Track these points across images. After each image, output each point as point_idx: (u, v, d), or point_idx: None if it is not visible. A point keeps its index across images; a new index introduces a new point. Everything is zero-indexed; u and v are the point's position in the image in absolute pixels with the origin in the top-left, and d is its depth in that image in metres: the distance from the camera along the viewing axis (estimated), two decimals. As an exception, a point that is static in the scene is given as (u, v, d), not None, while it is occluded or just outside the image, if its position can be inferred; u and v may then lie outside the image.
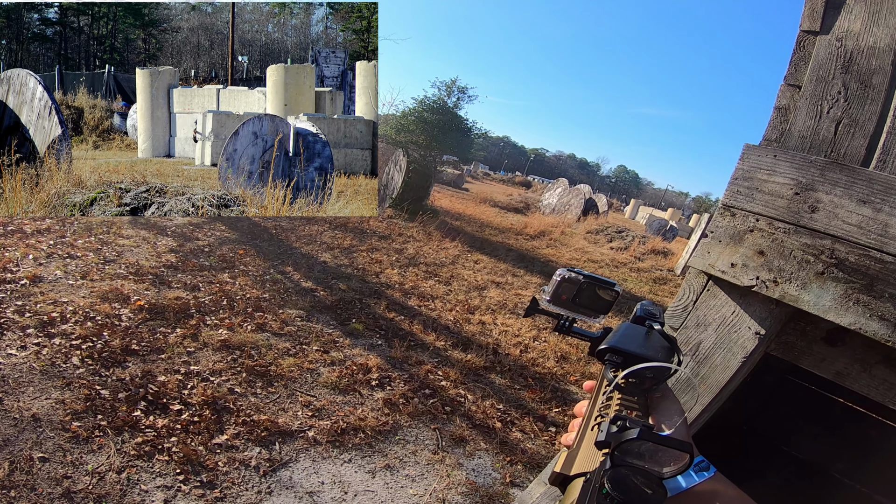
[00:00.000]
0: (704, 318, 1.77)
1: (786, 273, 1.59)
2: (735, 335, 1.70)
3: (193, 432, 3.59)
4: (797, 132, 1.75)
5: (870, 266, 1.46)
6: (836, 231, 1.53)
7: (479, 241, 13.29)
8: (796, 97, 1.80)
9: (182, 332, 4.97)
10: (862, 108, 1.67)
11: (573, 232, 17.62)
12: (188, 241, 8.02)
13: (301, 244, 9.45)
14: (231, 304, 5.93)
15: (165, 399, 3.87)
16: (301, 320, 5.95)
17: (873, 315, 1.44)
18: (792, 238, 1.60)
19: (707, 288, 1.79)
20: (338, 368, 4.95)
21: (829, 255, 1.52)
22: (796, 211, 1.60)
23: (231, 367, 4.56)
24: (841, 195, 1.54)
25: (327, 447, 3.79)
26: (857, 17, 1.73)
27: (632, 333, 0.93)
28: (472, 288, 8.92)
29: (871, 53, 1.68)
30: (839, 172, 1.56)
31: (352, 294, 7.25)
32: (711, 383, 1.72)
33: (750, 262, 1.65)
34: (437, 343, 6.12)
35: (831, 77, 1.73)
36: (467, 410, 4.72)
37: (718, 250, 1.72)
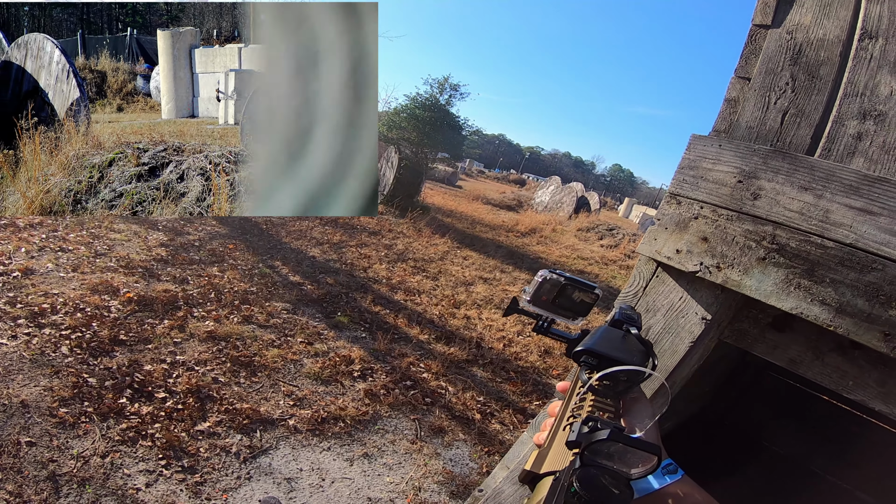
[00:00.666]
0: (653, 303, 1.82)
1: (728, 258, 1.63)
2: (682, 320, 1.75)
3: (177, 419, 3.71)
4: (744, 122, 1.80)
5: (811, 251, 1.50)
6: (777, 217, 1.56)
7: (470, 238, 13.39)
8: (745, 89, 1.84)
9: (169, 323, 5.08)
10: (808, 99, 1.71)
11: (564, 229, 17.71)
12: (179, 236, 8.11)
13: (291, 239, 9.55)
14: (219, 296, 6.04)
15: (151, 387, 3.99)
16: (287, 313, 6.06)
17: (814, 300, 1.48)
18: (735, 224, 1.64)
19: (656, 274, 1.83)
20: (321, 360, 5.06)
21: (771, 240, 1.56)
22: (739, 198, 1.64)
23: (216, 357, 4.67)
24: (783, 182, 1.58)
25: (307, 435, 3.91)
26: (808, 11, 1.79)
27: (608, 336, 0.95)
28: (460, 283, 9.03)
29: (820, 45, 1.73)
30: (781, 160, 1.60)
31: (339, 288, 7.35)
32: (660, 368, 1.74)
33: (694, 249, 1.70)
34: (421, 336, 6.24)
35: (780, 69, 1.78)
36: (447, 402, 4.84)
37: (665, 237, 1.77)
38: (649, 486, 0.79)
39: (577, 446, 0.67)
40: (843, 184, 1.49)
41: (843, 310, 1.45)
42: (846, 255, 1.46)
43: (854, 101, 1.66)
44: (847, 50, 1.71)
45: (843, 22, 1.73)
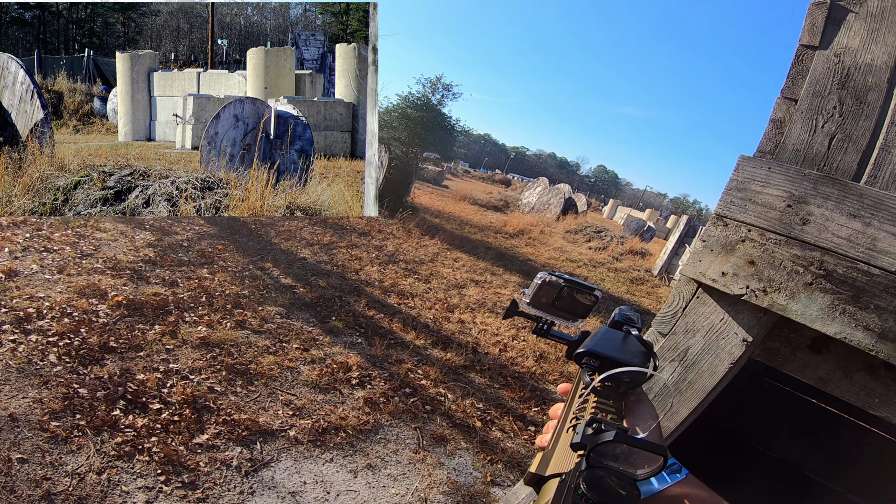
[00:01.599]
0: (693, 324, 1.80)
1: (775, 283, 1.62)
2: (723, 342, 1.73)
3: (174, 432, 3.57)
4: (791, 145, 1.78)
5: (857, 278, 1.50)
6: (825, 243, 1.56)
7: (459, 239, 13.32)
8: (792, 110, 1.82)
9: (161, 328, 4.93)
10: (856, 124, 1.70)
11: (552, 231, 17.73)
12: (167, 236, 7.93)
13: (280, 240, 9.40)
14: (210, 300, 5.89)
15: (145, 398, 3.85)
16: (281, 317, 5.93)
17: (858, 325, 1.48)
18: (783, 249, 1.63)
19: (696, 295, 1.82)
20: (318, 367, 4.95)
21: (819, 266, 1.56)
22: (788, 223, 1.64)
23: (211, 365, 4.53)
24: (832, 209, 1.57)
25: (308, 446, 3.79)
26: (856, 34, 1.76)
27: (609, 338, 0.94)
28: (452, 286, 8.96)
29: (868, 70, 1.71)
30: (831, 186, 1.59)
31: (331, 291, 7.24)
32: (698, 388, 1.75)
33: (740, 272, 1.69)
34: (417, 341, 6.14)
35: (827, 92, 1.76)
36: (447, 409, 4.75)
37: (710, 259, 1.75)
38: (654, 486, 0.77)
39: (583, 448, 0.67)
40: (891, 212, 1.49)
41: (885, 335, 1.45)
42: (891, 283, 1.46)
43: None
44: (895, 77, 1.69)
45: (892, 48, 1.71)
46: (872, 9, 1.74)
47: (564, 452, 0.74)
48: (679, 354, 1.80)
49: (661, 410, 1.76)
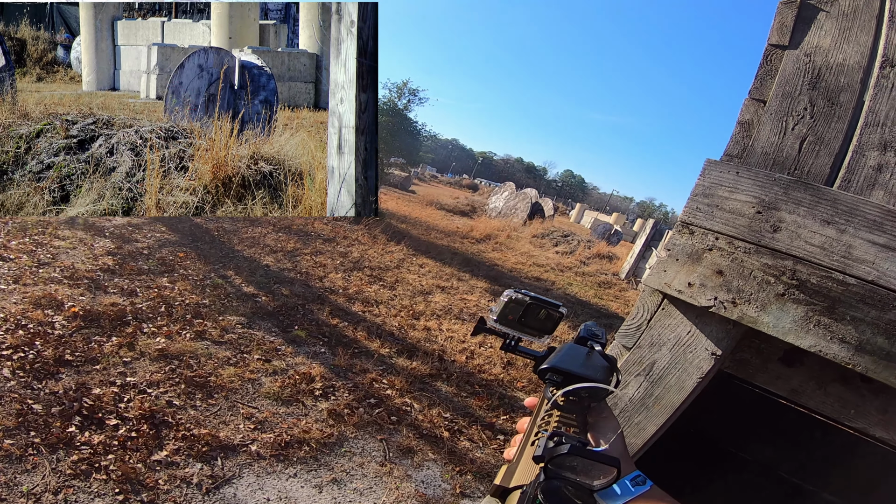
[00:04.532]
0: (659, 337, 1.74)
1: (745, 294, 1.55)
2: (690, 355, 1.68)
3: (131, 448, 3.50)
4: (760, 148, 1.72)
5: (832, 288, 1.45)
6: (798, 252, 1.51)
7: (425, 245, 13.30)
8: (760, 112, 1.76)
9: (118, 340, 4.83)
10: (828, 126, 1.65)
11: (519, 236, 17.82)
12: (127, 243, 7.77)
13: (244, 247, 9.28)
14: (169, 310, 5.78)
15: (101, 413, 3.76)
16: (242, 327, 5.86)
17: (834, 338, 1.44)
18: (752, 258, 1.56)
19: (662, 307, 1.76)
20: (280, 378, 4.90)
21: (791, 276, 1.50)
22: (758, 230, 1.57)
23: (169, 378, 4.45)
24: (804, 215, 1.51)
25: (271, 461, 3.75)
26: (827, 33, 1.72)
27: (573, 353, 0.97)
28: (417, 293, 8.95)
29: (840, 70, 1.67)
30: (803, 191, 1.53)
31: (295, 299, 7.17)
32: (666, 404, 1.70)
33: (708, 282, 1.62)
34: (382, 350, 6.12)
35: (798, 93, 1.71)
36: (414, 420, 4.74)
37: (675, 269, 1.68)
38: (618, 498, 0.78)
39: (542, 460, 0.70)
40: (867, 219, 1.45)
41: (862, 348, 1.41)
42: (868, 293, 1.42)
43: (875, 131, 1.60)
44: (868, 77, 1.66)
45: (864, 48, 1.68)
46: (844, 7, 1.71)
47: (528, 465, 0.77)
48: (644, 369, 1.75)
49: (627, 427, 1.73)
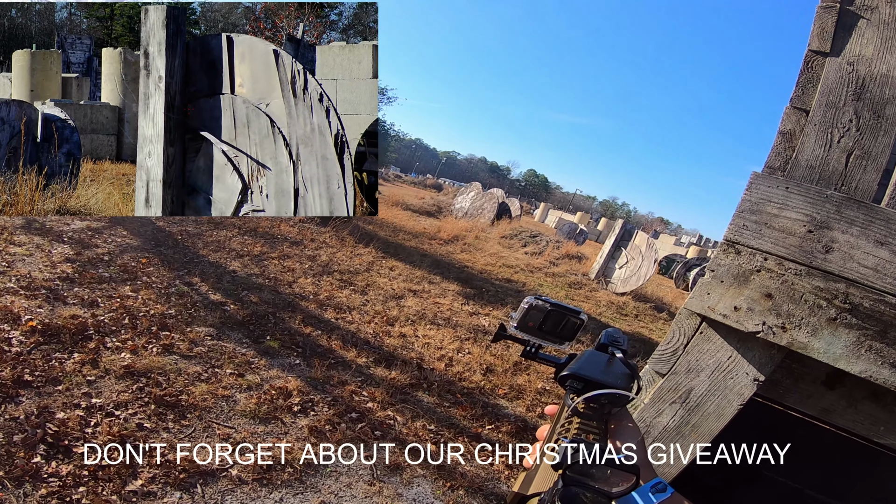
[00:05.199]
0: (697, 363, 1.68)
1: (795, 318, 1.49)
2: (731, 381, 1.61)
3: (103, 479, 3.26)
4: (805, 161, 1.64)
5: (884, 312, 1.39)
6: (851, 274, 1.44)
7: (394, 247, 13.14)
8: (803, 122, 1.69)
9: (80, 357, 4.55)
10: (875, 140, 1.58)
11: (487, 236, 17.75)
12: (86, 249, 7.40)
13: (208, 252, 8.97)
14: (134, 322, 5.51)
15: (67, 440, 3.51)
16: (211, 339, 5.62)
17: (885, 362, 1.38)
18: (804, 280, 1.50)
19: (700, 331, 1.69)
20: (255, 394, 4.69)
21: (844, 299, 1.44)
22: (809, 251, 1.51)
23: (137, 397, 4.21)
24: (858, 235, 1.45)
25: (254, 486, 3.55)
26: (868, 42, 1.65)
27: (593, 360, 0.97)
28: (390, 297, 8.79)
29: (885, 82, 1.61)
30: (856, 210, 1.47)
31: (264, 307, 6.94)
32: (703, 431, 1.64)
33: (756, 306, 1.54)
34: (359, 360, 5.95)
35: (842, 103, 1.64)
36: (398, 433, 4.59)
37: (720, 292, 1.60)
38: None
39: (561, 467, 0.70)
40: None
41: None
42: None
43: None
44: None
45: None
46: (885, 16, 1.65)
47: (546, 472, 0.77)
48: (681, 396, 1.68)
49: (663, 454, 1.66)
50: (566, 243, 17.95)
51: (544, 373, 6.73)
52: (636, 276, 13.72)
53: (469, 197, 23.11)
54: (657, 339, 10.47)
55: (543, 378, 6.57)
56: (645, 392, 1.74)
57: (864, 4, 1.66)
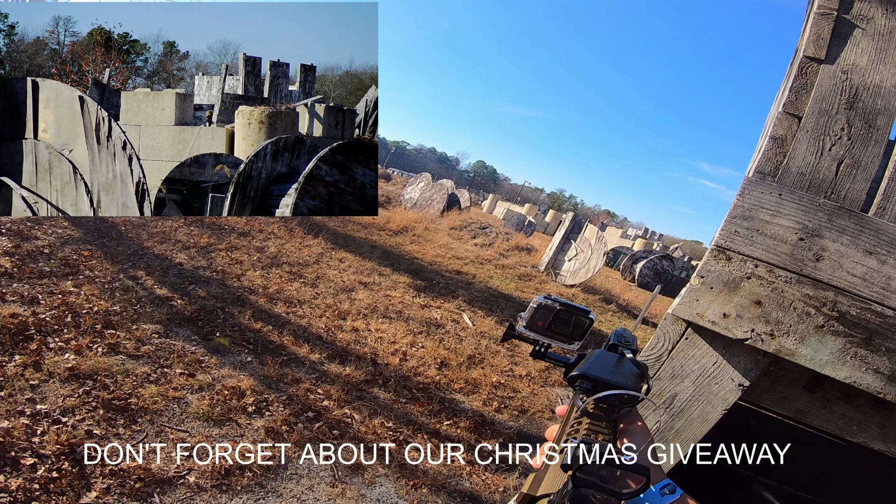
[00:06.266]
0: (681, 368, 1.69)
1: (784, 326, 1.51)
2: (716, 387, 1.64)
3: (55, 492, 3.16)
4: (796, 168, 1.65)
5: (870, 320, 1.44)
6: (839, 282, 1.48)
7: (343, 238, 13.01)
8: (795, 128, 1.69)
9: (22, 359, 4.37)
10: (865, 150, 1.61)
11: (437, 228, 17.74)
12: (25, 242, 7.06)
13: (153, 244, 8.70)
14: (77, 320, 5.31)
15: (14, 451, 3.37)
16: (159, 337, 5.47)
17: (868, 369, 1.43)
18: (794, 288, 1.52)
19: (685, 336, 1.70)
20: (208, 394, 4.61)
21: (832, 307, 1.47)
22: (800, 259, 1.53)
23: (84, 401, 4.08)
24: (848, 244, 1.48)
25: (213, 493, 3.51)
26: (863, 52, 1.68)
27: (603, 360, 0.96)
28: (340, 290, 8.73)
29: (877, 92, 1.64)
30: (847, 219, 1.50)
31: (213, 302, 6.80)
32: (687, 437, 1.66)
33: (745, 313, 1.56)
34: (312, 356, 5.91)
35: (835, 111, 1.66)
36: (357, 432, 4.59)
37: (709, 298, 1.60)
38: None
39: (571, 468, 0.70)
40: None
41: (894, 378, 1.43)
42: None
43: None
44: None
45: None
46: (880, 27, 1.69)
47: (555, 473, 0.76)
48: (665, 402, 1.69)
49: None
50: (515, 235, 18.13)
51: (498, 366, 6.84)
52: (585, 269, 14.01)
53: (419, 188, 23.05)
54: (607, 330, 10.75)
55: (498, 371, 6.68)
56: None
57: (860, 14, 1.71)
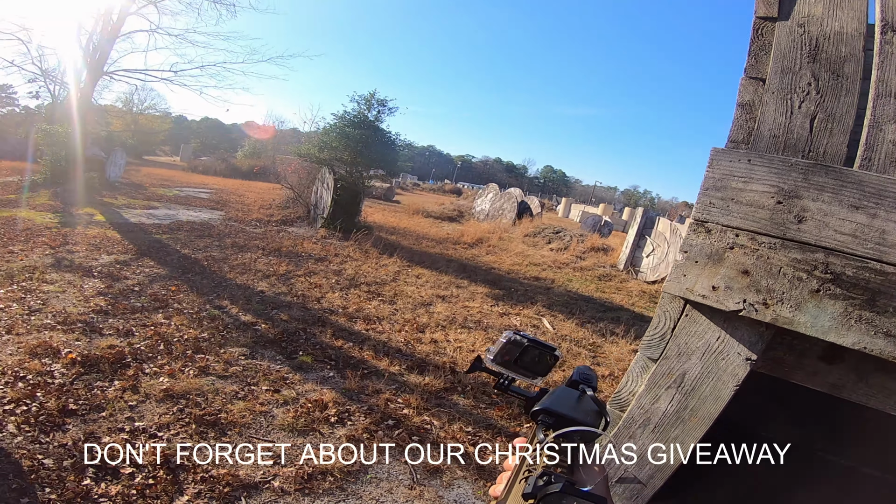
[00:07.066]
0: (686, 346, 1.63)
1: (776, 293, 1.45)
2: (723, 363, 1.57)
3: (151, 497, 3.34)
4: (768, 131, 1.61)
5: (870, 279, 1.34)
6: (828, 242, 1.40)
7: (419, 255, 13.20)
8: (761, 91, 1.65)
9: (120, 384, 4.67)
10: (837, 101, 1.54)
11: (510, 236, 17.72)
12: (117, 282, 7.60)
13: (235, 274, 9.12)
14: (169, 347, 5.63)
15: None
16: (245, 358, 5.71)
17: (878, 332, 1.32)
18: (779, 253, 1.46)
19: (685, 313, 1.65)
20: (292, 408, 4.76)
21: (824, 269, 1.39)
22: (781, 222, 1.47)
23: (178, 418, 4.30)
24: (830, 201, 1.41)
25: (296, 496, 3.60)
26: (817, 1, 1.62)
27: (565, 396, 1.00)
28: (418, 304, 8.83)
29: (840, 39, 1.57)
30: (825, 175, 1.43)
31: (295, 324, 7.03)
32: (703, 415, 1.59)
33: (734, 284, 1.51)
34: (392, 368, 6.00)
35: (798, 67, 1.60)
36: (436, 437, 4.61)
37: (696, 272, 1.57)
38: None
39: (533, 498, 0.73)
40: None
41: None
42: None
43: (889, 102, 1.49)
44: (870, 44, 1.55)
45: (859, 12, 1.57)
46: None
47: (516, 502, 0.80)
48: (675, 381, 1.65)
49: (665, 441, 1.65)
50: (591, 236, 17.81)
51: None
52: (664, 263, 13.58)
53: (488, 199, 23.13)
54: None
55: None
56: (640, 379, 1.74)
57: (805, -39, 1.62)
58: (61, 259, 8.42)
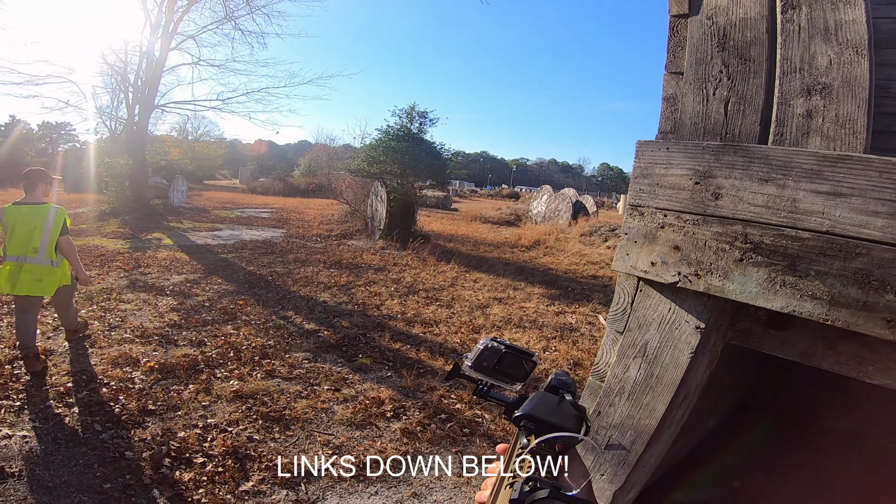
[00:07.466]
0: (644, 318, 1.76)
1: (705, 264, 1.56)
2: (677, 332, 1.68)
3: (219, 482, 3.66)
4: (689, 120, 1.73)
5: (788, 245, 1.42)
6: (744, 215, 1.49)
7: (476, 260, 13.37)
8: (681, 84, 1.78)
9: (195, 387, 5.05)
10: (746, 83, 1.64)
11: (567, 237, 17.66)
12: (188, 299, 8.11)
13: (299, 287, 9.54)
14: (238, 354, 6.00)
15: (188, 453, 3.95)
16: (308, 362, 6.02)
17: (804, 295, 1.39)
18: (702, 229, 1.57)
19: (639, 289, 1.78)
20: (351, 404, 5.02)
21: (743, 239, 1.48)
22: (700, 200, 1.58)
23: (246, 415, 4.63)
24: (741, 177, 1.50)
25: (352, 482, 3.85)
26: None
27: (545, 402, 1.03)
28: (475, 307, 8.99)
29: (745, 25, 1.67)
30: (734, 154, 1.52)
31: (355, 330, 7.32)
32: (667, 382, 1.70)
33: (668, 259, 1.64)
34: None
35: (709, 57, 1.71)
36: (486, 430, 4.77)
37: (636, 251, 1.72)
38: None
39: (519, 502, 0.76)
40: (804, 169, 1.41)
41: (836, 301, 1.36)
42: (825, 244, 1.37)
43: (795, 78, 1.59)
44: (773, 25, 1.64)
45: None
46: None
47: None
48: (640, 350, 1.76)
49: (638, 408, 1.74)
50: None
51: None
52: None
53: (543, 200, 23.08)
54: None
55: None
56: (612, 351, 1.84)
57: (705, -40, 1.73)
58: (135, 280, 9.05)
